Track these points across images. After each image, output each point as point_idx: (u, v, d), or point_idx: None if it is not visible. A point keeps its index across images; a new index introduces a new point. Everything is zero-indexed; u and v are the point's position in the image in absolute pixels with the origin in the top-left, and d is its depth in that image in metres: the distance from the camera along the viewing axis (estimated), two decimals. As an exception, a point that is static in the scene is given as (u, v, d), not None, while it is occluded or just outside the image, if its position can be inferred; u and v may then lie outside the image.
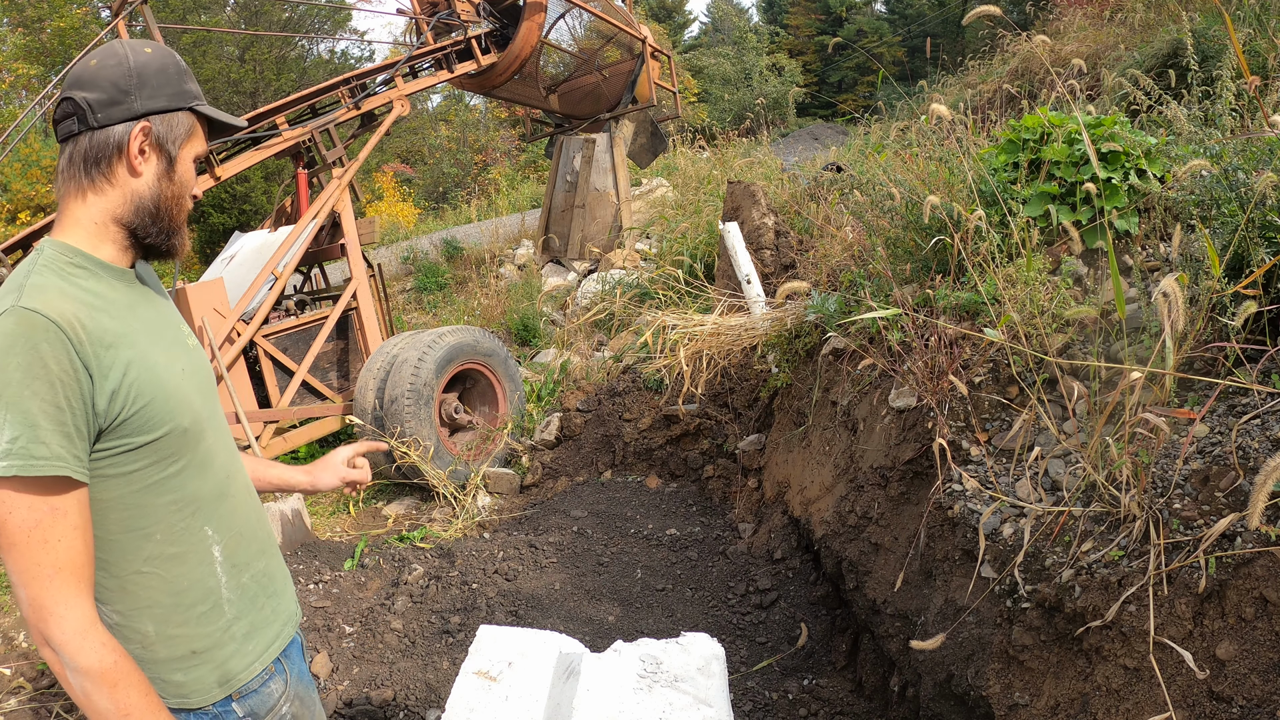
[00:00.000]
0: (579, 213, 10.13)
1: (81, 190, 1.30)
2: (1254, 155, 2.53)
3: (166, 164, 1.34)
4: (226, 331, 5.00)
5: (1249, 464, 1.83)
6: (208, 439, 1.38)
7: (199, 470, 1.35)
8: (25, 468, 1.12)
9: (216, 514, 1.38)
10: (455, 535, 4.71)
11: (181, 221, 1.39)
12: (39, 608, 1.15)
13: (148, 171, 1.32)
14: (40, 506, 1.14)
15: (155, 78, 1.32)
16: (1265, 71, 4.26)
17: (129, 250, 1.35)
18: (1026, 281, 2.61)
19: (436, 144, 26.68)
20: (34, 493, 1.13)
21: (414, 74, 6.94)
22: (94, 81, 1.29)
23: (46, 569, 1.14)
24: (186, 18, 15.73)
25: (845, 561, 3.02)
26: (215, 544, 1.37)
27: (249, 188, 17.48)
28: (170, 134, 1.34)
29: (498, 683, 1.92)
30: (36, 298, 1.17)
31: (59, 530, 1.15)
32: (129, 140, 1.30)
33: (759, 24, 41.62)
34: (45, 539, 1.14)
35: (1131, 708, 1.71)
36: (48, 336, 1.15)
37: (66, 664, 1.16)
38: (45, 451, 1.13)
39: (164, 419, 1.28)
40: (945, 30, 29.21)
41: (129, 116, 1.30)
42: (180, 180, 1.37)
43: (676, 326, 4.25)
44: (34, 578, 1.14)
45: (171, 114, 1.34)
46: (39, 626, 1.16)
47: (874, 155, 5.20)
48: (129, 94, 1.30)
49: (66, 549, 1.16)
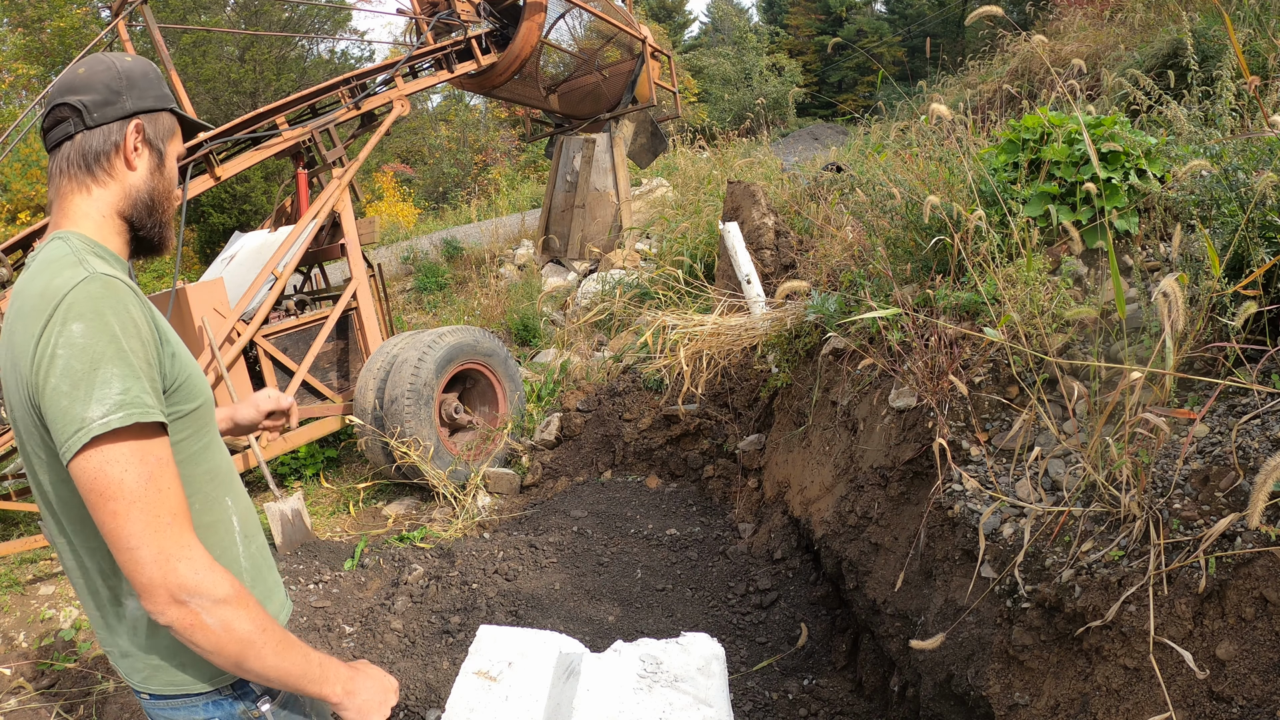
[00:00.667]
0: (579, 213, 10.13)
1: (84, 185, 1.36)
2: (1254, 155, 2.53)
3: (157, 160, 1.42)
4: (226, 331, 4.99)
5: (1249, 464, 1.83)
6: (213, 418, 1.46)
7: (219, 445, 1.45)
8: (142, 414, 1.16)
9: (233, 487, 1.46)
10: (455, 535, 4.70)
11: (171, 216, 1.47)
12: (166, 558, 1.16)
13: (142, 166, 1.40)
14: (151, 457, 1.19)
15: (141, 81, 1.41)
16: (1265, 71, 4.26)
17: (128, 245, 1.42)
18: (1026, 281, 2.61)
19: (436, 144, 26.68)
20: (145, 439, 1.18)
21: (414, 74, 6.94)
22: (87, 86, 1.36)
23: (165, 517, 1.18)
24: (186, 18, 15.72)
25: (845, 561, 3.02)
26: (234, 514, 1.43)
27: (249, 188, 17.48)
28: (159, 132, 1.42)
29: (498, 683, 1.92)
30: (105, 267, 1.25)
31: (167, 478, 1.20)
32: (126, 135, 1.37)
33: (759, 24, 41.62)
34: (160, 488, 1.19)
35: (1131, 708, 1.71)
36: (132, 299, 1.23)
37: (205, 600, 1.18)
38: (153, 401, 1.20)
39: (200, 390, 1.38)
40: (945, 30, 29.22)
41: (123, 115, 1.38)
42: (169, 176, 1.45)
43: (676, 326, 4.25)
44: (156, 530, 1.16)
45: (158, 114, 1.43)
46: (168, 578, 1.16)
47: (874, 155, 5.20)
48: (121, 94, 1.38)
49: (176, 494, 1.21)
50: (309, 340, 5.52)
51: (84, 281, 1.20)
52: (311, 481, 5.88)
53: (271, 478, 4.82)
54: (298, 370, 5.38)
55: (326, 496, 5.63)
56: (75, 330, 1.16)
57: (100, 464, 1.14)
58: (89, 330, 1.16)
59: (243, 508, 1.47)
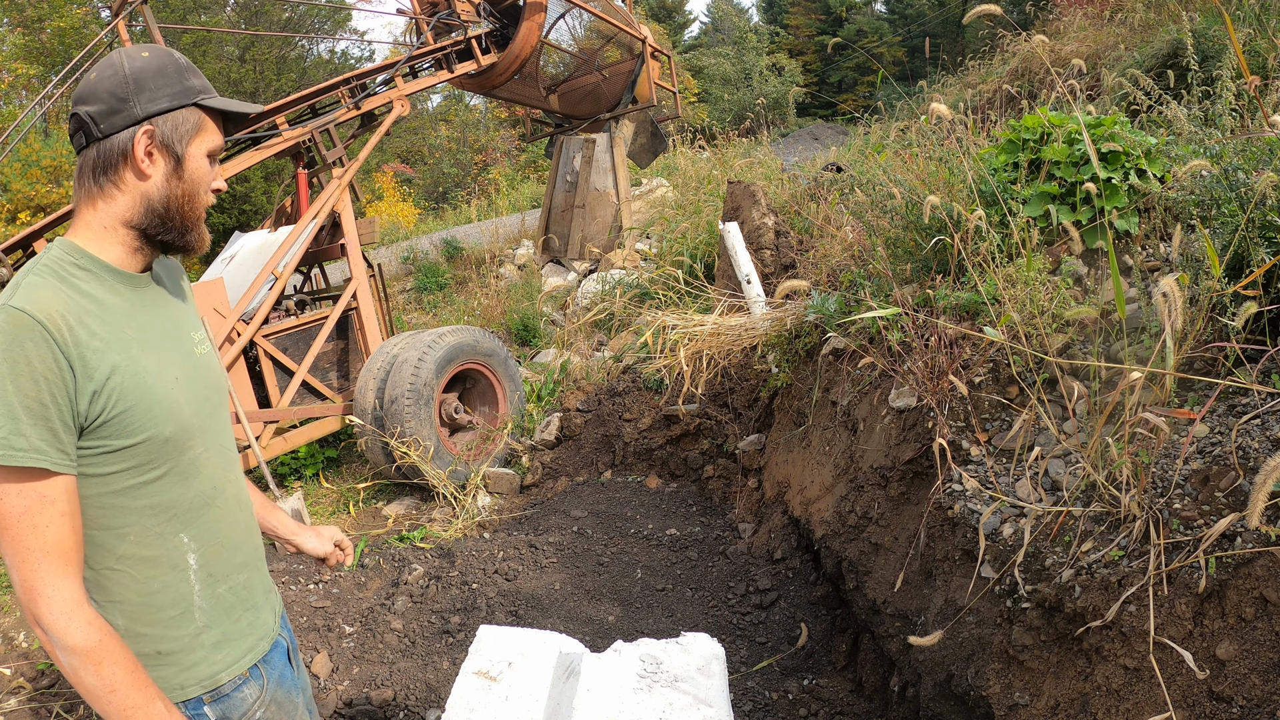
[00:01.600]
0: (579, 213, 10.13)
1: (92, 198, 1.34)
2: (1254, 155, 2.53)
3: (174, 163, 1.36)
4: (226, 331, 4.99)
5: (1249, 464, 1.83)
6: (195, 448, 1.39)
7: (180, 478, 1.37)
8: (4, 458, 1.17)
9: (197, 523, 1.40)
10: (455, 535, 4.71)
11: (196, 218, 1.41)
12: (29, 589, 1.20)
13: (155, 173, 1.35)
14: (29, 493, 1.20)
15: (153, 80, 1.34)
16: (1265, 71, 4.26)
17: (139, 252, 1.38)
18: (1026, 281, 2.61)
19: (436, 144, 26.69)
20: (21, 480, 1.19)
21: (414, 74, 6.94)
22: (94, 95, 1.32)
23: (36, 552, 1.20)
24: (186, 18, 15.73)
25: (845, 561, 3.02)
26: (191, 552, 1.39)
27: (249, 188, 17.48)
28: (175, 133, 1.35)
29: (498, 683, 1.92)
30: (27, 297, 1.22)
31: (47, 516, 1.21)
32: (133, 145, 1.33)
33: (759, 24, 41.62)
34: (34, 524, 1.20)
35: (1131, 708, 1.71)
36: (32, 335, 1.19)
37: (56, 643, 1.22)
38: (24, 444, 1.19)
39: (144, 425, 1.31)
40: (945, 30, 29.21)
41: (130, 122, 1.32)
42: (191, 177, 1.38)
43: (676, 326, 4.25)
44: (24, 560, 1.20)
45: (175, 113, 1.35)
46: (30, 608, 1.21)
47: (874, 155, 5.20)
48: (127, 101, 1.32)
49: (55, 534, 1.21)
50: (309, 340, 5.52)
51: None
52: (311, 481, 5.88)
53: (271, 477, 4.82)
54: (298, 370, 5.38)
55: (326, 496, 5.63)
56: None
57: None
58: None
59: (212, 546, 1.42)
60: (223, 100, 1.43)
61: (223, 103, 1.42)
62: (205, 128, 1.40)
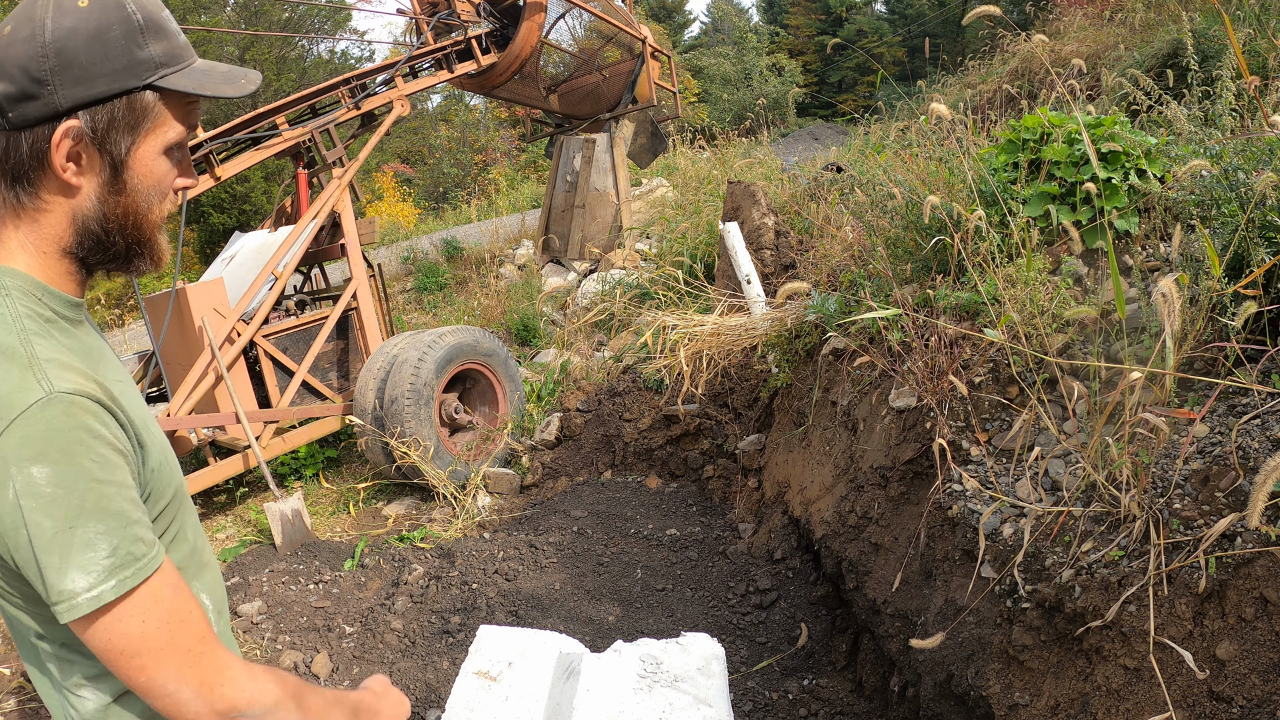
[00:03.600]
0: (579, 213, 10.13)
1: (15, 212, 1.00)
2: (1254, 155, 2.53)
3: (109, 171, 1.00)
4: (226, 331, 5.00)
5: (1249, 464, 1.83)
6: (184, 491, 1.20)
7: (188, 527, 1.20)
8: (136, 572, 0.95)
9: (198, 564, 1.23)
10: (455, 535, 4.71)
11: (146, 237, 1.07)
12: (209, 689, 1.00)
13: (87, 184, 1.00)
14: (164, 595, 0.99)
15: (86, 52, 0.94)
16: (1265, 71, 4.27)
17: (81, 281, 1.08)
18: (1026, 281, 2.61)
19: (436, 144, 26.70)
20: (150, 583, 0.98)
21: (414, 74, 6.94)
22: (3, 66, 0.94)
23: (196, 645, 1.00)
24: (186, 18, 15.73)
25: (845, 561, 3.02)
26: (205, 593, 1.23)
27: (249, 188, 17.49)
28: (112, 128, 0.98)
29: (498, 683, 1.92)
30: (63, 376, 0.95)
31: (183, 603, 1.02)
32: (50, 150, 0.96)
33: (759, 24, 41.64)
34: (180, 620, 1.00)
35: (1131, 708, 1.71)
36: (102, 419, 0.96)
37: (258, 713, 1.04)
38: (146, 541, 0.98)
39: (171, 479, 1.12)
40: (945, 30, 29.21)
41: (48, 115, 0.95)
42: (137, 188, 1.03)
43: (676, 326, 4.25)
44: (190, 666, 0.99)
45: (115, 101, 0.97)
46: (216, 707, 1.00)
47: (874, 155, 5.20)
48: (44, 84, 0.94)
49: (197, 616, 1.03)
50: (309, 340, 5.53)
51: (39, 405, 0.91)
52: (311, 481, 5.88)
53: (271, 478, 4.82)
54: (298, 370, 5.38)
55: (326, 496, 5.63)
56: (38, 477, 0.89)
57: (109, 626, 0.95)
58: (57, 477, 0.90)
59: (210, 583, 1.25)
60: (194, 77, 1.03)
61: (192, 83, 1.02)
62: (161, 119, 1.02)
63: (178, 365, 5.28)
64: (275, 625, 3.68)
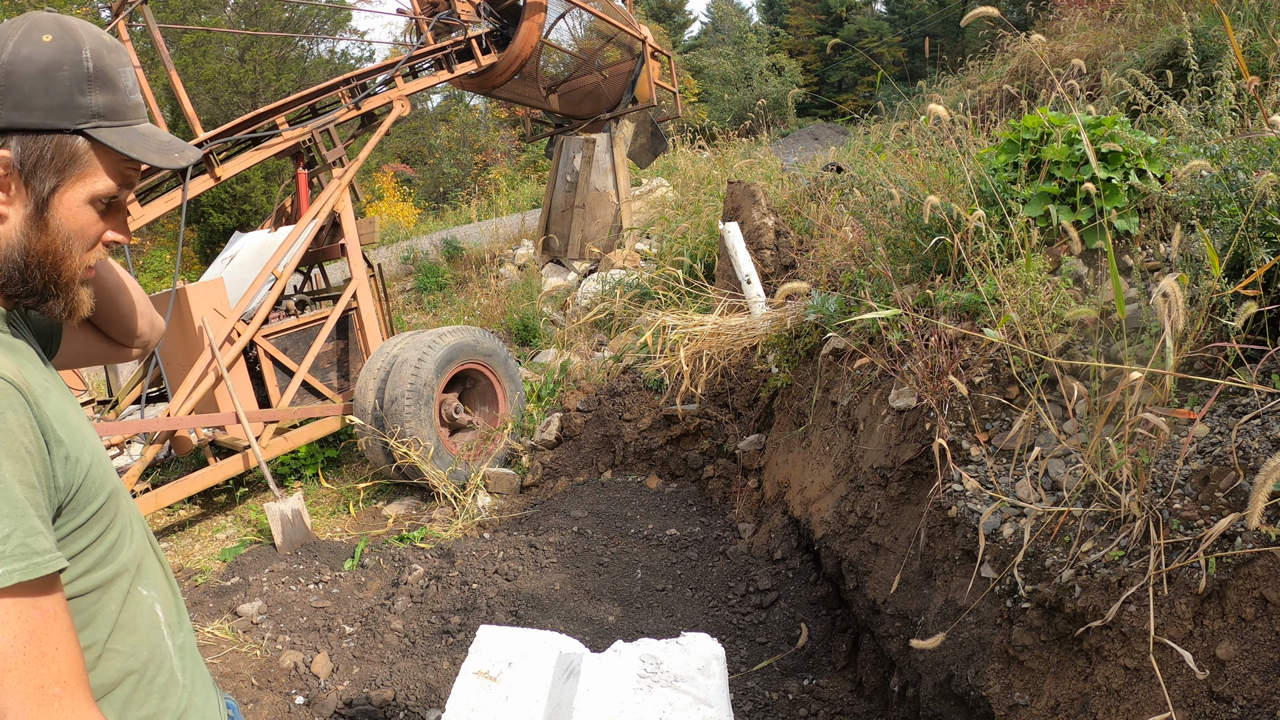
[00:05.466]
0: (579, 213, 10.13)
1: None
2: (1254, 155, 2.53)
3: (34, 206, 1.00)
4: (226, 331, 5.00)
5: (1249, 464, 1.83)
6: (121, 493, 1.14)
7: (129, 531, 1.13)
8: (27, 569, 0.87)
9: (148, 575, 1.16)
10: (455, 535, 4.71)
11: (64, 282, 1.04)
12: None
13: (14, 214, 1.00)
14: (32, 614, 0.89)
15: (31, 82, 0.97)
16: (1265, 71, 4.26)
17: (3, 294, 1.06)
18: (1026, 281, 2.61)
19: (436, 144, 26.72)
20: (26, 596, 0.89)
21: (414, 74, 6.94)
22: None
23: (52, 687, 0.90)
24: (186, 18, 15.74)
25: (845, 561, 3.02)
26: (157, 603, 1.15)
27: (249, 188, 17.49)
28: (39, 166, 0.99)
29: (498, 683, 1.92)
30: None
31: (54, 636, 0.91)
32: None
33: (759, 24, 41.64)
34: (43, 651, 0.90)
35: (1131, 708, 1.71)
36: (11, 402, 0.91)
37: None
38: (44, 544, 0.90)
39: (104, 481, 1.05)
40: (945, 30, 29.21)
41: None
42: (58, 230, 1.01)
43: (676, 326, 4.25)
44: (40, 704, 0.88)
45: (45, 137, 0.98)
46: None
47: (874, 155, 5.20)
48: None
49: (66, 655, 0.92)
50: (309, 340, 5.53)
51: None
52: (311, 481, 5.88)
53: (271, 478, 4.82)
54: (298, 370, 5.38)
55: (326, 496, 5.63)
56: None
57: None
58: None
59: (163, 594, 1.18)
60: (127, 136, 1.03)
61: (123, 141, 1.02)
62: (91, 168, 1.02)
63: (178, 365, 5.28)
64: (275, 625, 3.68)
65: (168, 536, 5.21)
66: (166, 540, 5.16)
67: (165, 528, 5.36)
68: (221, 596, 4.04)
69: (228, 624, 3.69)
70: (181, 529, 5.34)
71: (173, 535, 5.25)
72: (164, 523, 5.45)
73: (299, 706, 3.13)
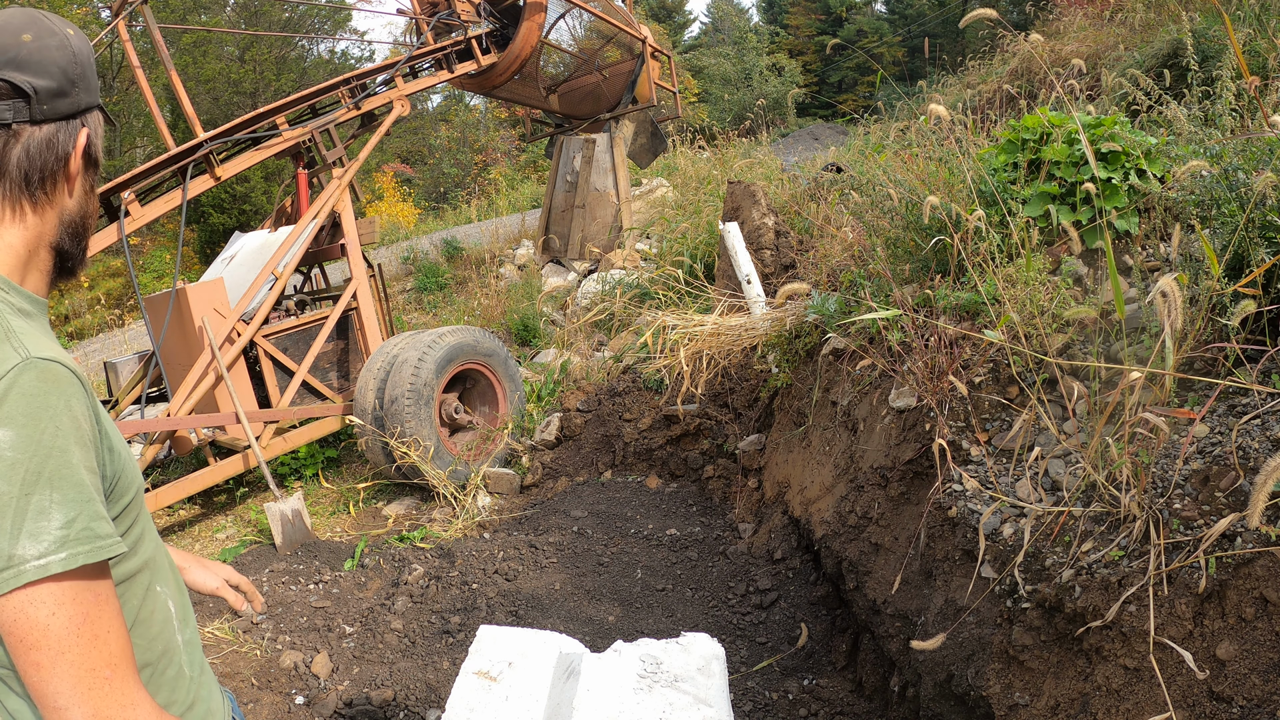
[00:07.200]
0: (579, 213, 10.13)
1: (18, 207, 1.04)
2: (1254, 155, 2.53)
3: (94, 175, 1.13)
4: (226, 331, 5.00)
5: (1249, 464, 1.83)
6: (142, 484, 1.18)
7: (150, 528, 1.17)
8: (90, 553, 0.92)
9: (163, 571, 1.19)
10: (455, 535, 4.71)
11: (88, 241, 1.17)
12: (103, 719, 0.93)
13: (79, 187, 1.10)
14: (86, 597, 0.93)
15: (88, 67, 1.08)
16: (1265, 71, 4.26)
17: (48, 277, 1.12)
18: (1026, 282, 2.61)
19: (436, 144, 26.72)
20: (83, 580, 0.93)
21: (414, 74, 6.94)
22: (40, 64, 1.01)
23: (103, 670, 0.93)
24: (186, 18, 15.74)
25: (845, 561, 3.02)
26: (170, 600, 1.18)
27: (249, 188, 17.49)
28: (97, 135, 1.11)
29: (498, 683, 1.92)
30: (40, 344, 0.97)
31: (106, 618, 0.95)
32: (75, 147, 1.06)
33: (759, 24, 41.64)
34: (95, 634, 0.94)
35: (1131, 708, 1.71)
36: (75, 392, 0.95)
37: None
38: (106, 529, 0.95)
39: (133, 477, 1.09)
40: (945, 30, 29.21)
41: (73, 112, 1.05)
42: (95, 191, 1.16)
43: (676, 326, 4.25)
44: (91, 686, 0.92)
45: (96, 112, 1.11)
46: None
47: (874, 155, 5.20)
48: (75, 86, 1.05)
49: (116, 639, 0.96)
50: (309, 340, 5.53)
51: (16, 371, 0.92)
52: (311, 481, 5.88)
53: (271, 478, 4.82)
54: (298, 370, 5.38)
55: (326, 496, 5.63)
56: (2, 439, 0.89)
57: (23, 604, 0.90)
58: (21, 440, 0.90)
59: (174, 590, 1.21)
60: None
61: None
62: None
63: (178, 365, 5.28)
64: (275, 625, 3.68)
65: (168, 536, 5.21)
66: (167, 540, 5.16)
67: (165, 528, 5.36)
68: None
69: (228, 624, 3.69)
70: (181, 529, 5.34)
71: (173, 535, 5.25)
72: (164, 523, 5.45)
73: (299, 706, 3.13)
